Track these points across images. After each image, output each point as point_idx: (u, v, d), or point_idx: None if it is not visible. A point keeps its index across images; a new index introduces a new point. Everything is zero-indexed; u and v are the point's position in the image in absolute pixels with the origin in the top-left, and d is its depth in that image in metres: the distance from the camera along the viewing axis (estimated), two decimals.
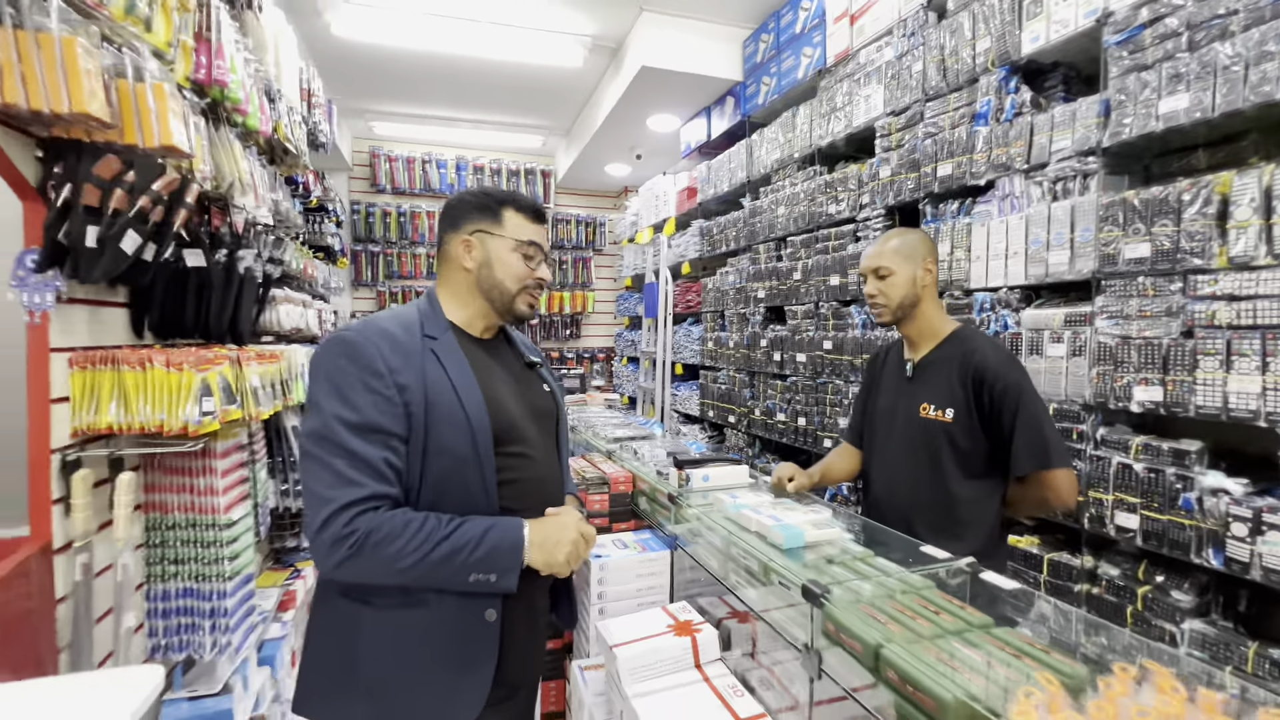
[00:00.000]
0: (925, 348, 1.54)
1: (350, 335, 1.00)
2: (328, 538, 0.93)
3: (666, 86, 3.73)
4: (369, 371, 0.97)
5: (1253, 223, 1.41)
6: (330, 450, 0.94)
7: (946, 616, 1.00)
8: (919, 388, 1.52)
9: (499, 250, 1.12)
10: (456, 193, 1.21)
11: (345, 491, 0.93)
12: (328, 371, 0.98)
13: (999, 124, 2.03)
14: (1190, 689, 0.76)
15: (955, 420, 1.43)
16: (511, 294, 1.13)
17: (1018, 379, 1.41)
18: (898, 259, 1.51)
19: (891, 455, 1.56)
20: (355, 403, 0.96)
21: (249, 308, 2.09)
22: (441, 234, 1.16)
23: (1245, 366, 1.42)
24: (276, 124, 2.34)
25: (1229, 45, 1.46)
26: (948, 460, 1.44)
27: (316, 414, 0.97)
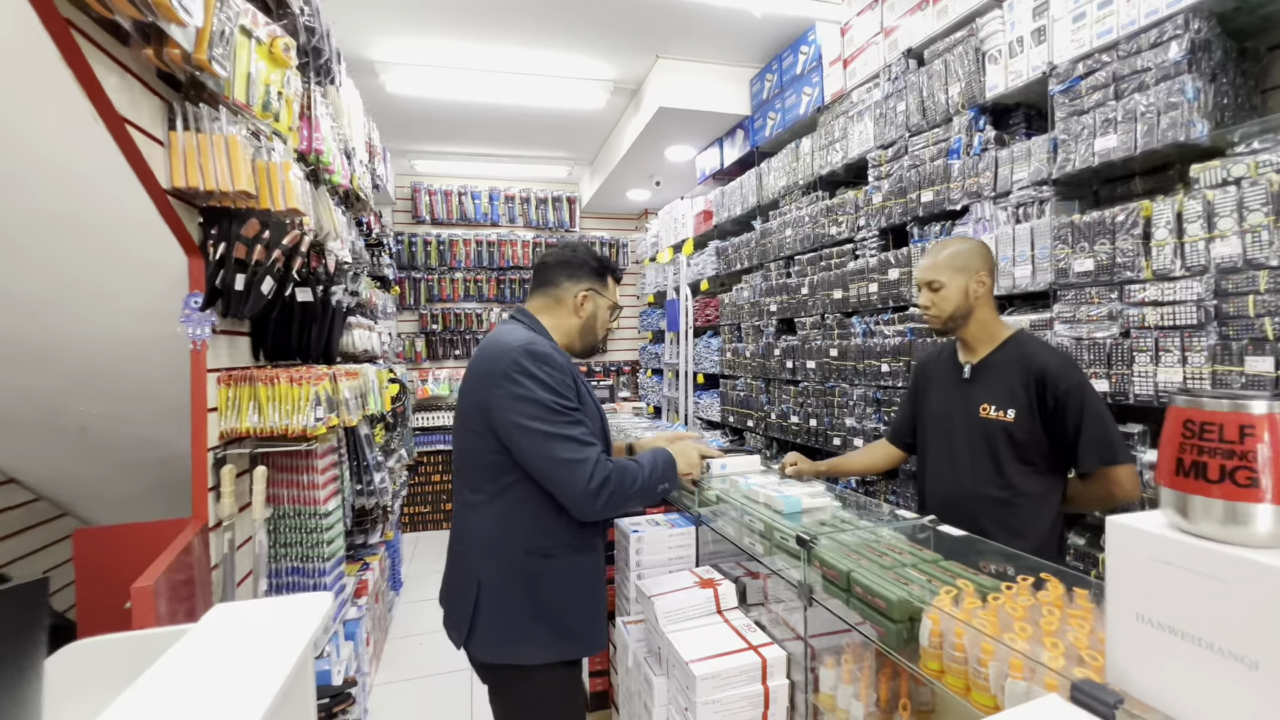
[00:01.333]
0: (982, 351, 1.65)
1: (543, 349, 1.35)
2: (594, 484, 1.28)
3: (682, 122, 4.11)
4: (565, 373, 1.36)
5: (1169, 242, 1.71)
6: (566, 425, 1.30)
7: (905, 555, 1.32)
8: (977, 389, 1.63)
9: (601, 308, 1.55)
10: (574, 245, 1.56)
11: (590, 450, 1.31)
12: (537, 374, 1.31)
13: (969, 157, 2.35)
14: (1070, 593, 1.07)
15: (1016, 420, 1.54)
16: (598, 341, 1.58)
17: (1079, 380, 1.53)
18: (949, 272, 1.61)
19: (952, 455, 1.67)
20: (565, 394, 1.32)
21: (339, 333, 2.50)
22: (556, 277, 1.51)
23: (1169, 360, 1.71)
24: (352, 177, 2.78)
25: (1145, 96, 1.77)
26: (1009, 458, 1.56)
27: (533, 405, 1.29)
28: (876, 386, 2.89)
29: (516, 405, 1.29)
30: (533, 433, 1.28)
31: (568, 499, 1.31)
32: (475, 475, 1.40)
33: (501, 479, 1.37)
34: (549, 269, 1.52)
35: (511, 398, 1.29)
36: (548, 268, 1.52)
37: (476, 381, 1.38)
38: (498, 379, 1.32)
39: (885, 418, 2.84)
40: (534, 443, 1.29)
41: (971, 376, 1.68)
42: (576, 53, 3.76)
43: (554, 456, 1.28)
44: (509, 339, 1.36)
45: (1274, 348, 1.50)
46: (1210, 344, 1.62)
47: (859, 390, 2.99)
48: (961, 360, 1.73)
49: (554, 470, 1.29)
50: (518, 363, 1.31)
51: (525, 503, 1.37)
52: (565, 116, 4.65)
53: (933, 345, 2.51)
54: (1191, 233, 1.66)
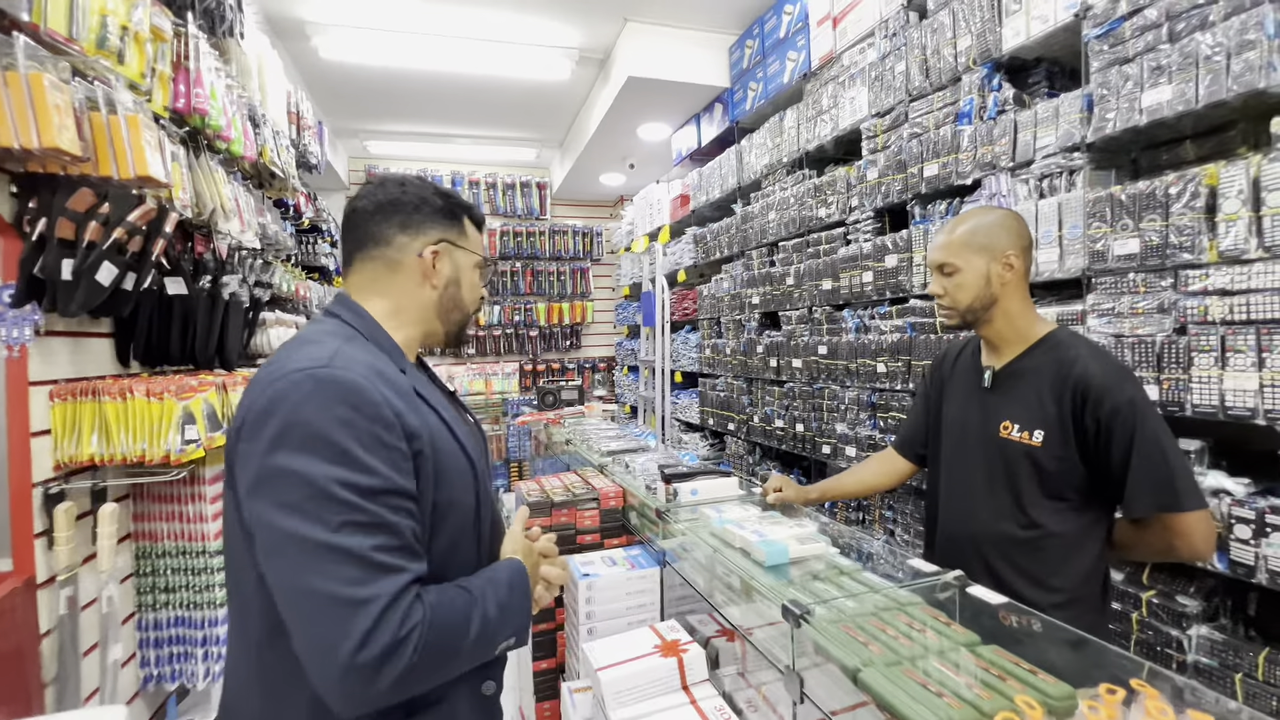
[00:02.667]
0: (1009, 353, 1.31)
1: (344, 375, 0.75)
2: (376, 652, 0.66)
3: (655, 95, 3.73)
4: (380, 422, 0.74)
5: (1242, 215, 1.37)
6: (349, 530, 0.69)
7: (931, 634, 0.97)
8: (1000, 401, 1.30)
9: (465, 268, 0.98)
10: (394, 180, 0.96)
11: (385, 582, 0.69)
12: (322, 424, 0.71)
13: (983, 122, 2.00)
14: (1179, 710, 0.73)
15: (1045, 444, 1.21)
16: (470, 317, 1.02)
17: (1131, 395, 1.16)
18: (967, 252, 1.27)
19: (964, 479, 1.35)
20: (368, 463, 0.72)
21: (237, 332, 2.09)
22: (384, 231, 0.92)
23: (1241, 363, 1.38)
24: (262, 149, 2.36)
25: (1210, 35, 1.43)
26: (1033, 490, 1.24)
27: (301, 484, 0.69)
28: (871, 389, 2.55)
29: (269, 483, 0.71)
30: (284, 538, 0.69)
31: (315, 672, 0.68)
32: (240, 598, 0.81)
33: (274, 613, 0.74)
34: (368, 220, 0.92)
35: (264, 468, 0.71)
36: (365, 219, 0.93)
37: (231, 436, 0.79)
38: (248, 433, 0.74)
39: (881, 424, 2.50)
40: (281, 555, 0.70)
41: (993, 385, 1.33)
42: (536, 14, 3.35)
43: (307, 588, 0.68)
44: (292, 357, 0.77)
45: None
46: None
47: (851, 393, 2.65)
48: (984, 364, 1.37)
49: (301, 613, 0.69)
50: (285, 401, 0.72)
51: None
52: (529, 90, 4.24)
53: (937, 343, 2.17)
54: (1273, 203, 1.32)
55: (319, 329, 0.87)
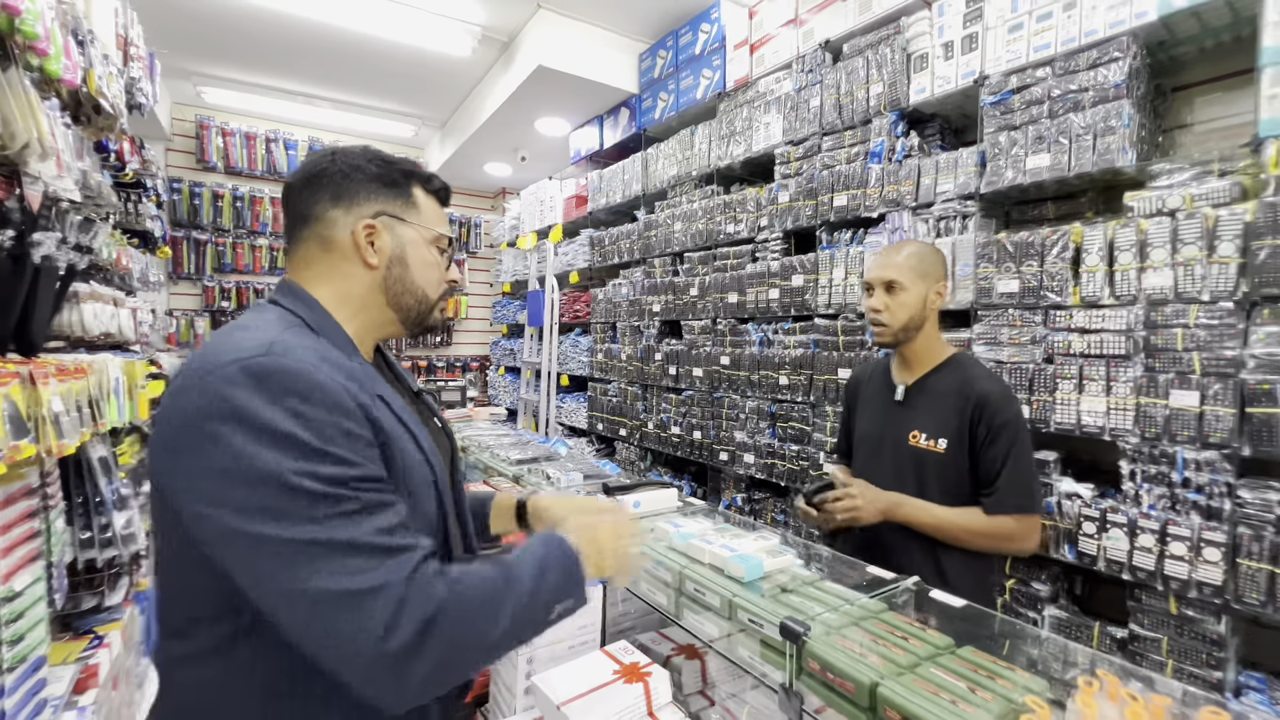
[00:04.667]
0: (920, 371, 1.47)
1: (285, 362, 0.66)
2: (405, 640, 0.60)
3: (560, 90, 3.61)
4: (339, 410, 0.66)
5: (1100, 268, 1.67)
6: (337, 519, 0.62)
7: (915, 641, 1.03)
8: (910, 414, 1.45)
9: (414, 243, 0.86)
10: (327, 150, 0.85)
11: (395, 564, 0.63)
12: (272, 419, 0.62)
13: (891, 163, 2.22)
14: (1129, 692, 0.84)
15: (947, 451, 1.37)
16: (431, 302, 0.89)
17: (1016, 412, 1.37)
18: (913, 275, 1.39)
19: (877, 482, 1.46)
20: (335, 454, 0.64)
21: (45, 307, 1.60)
22: (314, 207, 0.82)
23: (1094, 389, 1.68)
24: (87, 73, 1.84)
25: (1081, 117, 1.73)
26: (936, 493, 1.39)
27: (257, 488, 0.61)
28: (772, 400, 2.70)
29: (223, 489, 0.62)
30: (260, 543, 0.61)
31: (346, 671, 0.62)
32: (175, 610, 0.72)
33: (220, 624, 0.68)
34: (298, 195, 0.83)
35: (212, 476, 0.62)
36: (296, 194, 0.83)
37: (157, 444, 0.68)
38: (186, 437, 0.64)
39: (780, 433, 2.66)
40: (263, 564, 0.62)
41: (905, 399, 1.49)
42: None
43: (306, 590, 0.60)
44: (218, 349, 0.67)
45: (1200, 383, 1.49)
46: (1136, 375, 1.60)
47: (752, 403, 2.78)
48: (896, 380, 1.53)
49: (308, 618, 0.61)
50: (224, 396, 0.63)
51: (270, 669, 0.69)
52: (419, 60, 3.86)
53: (840, 359, 2.36)
54: (1123, 261, 1.63)
55: (254, 317, 0.77)
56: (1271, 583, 1.38)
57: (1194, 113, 1.89)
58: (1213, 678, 1.49)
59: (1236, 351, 1.44)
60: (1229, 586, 1.44)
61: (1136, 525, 1.57)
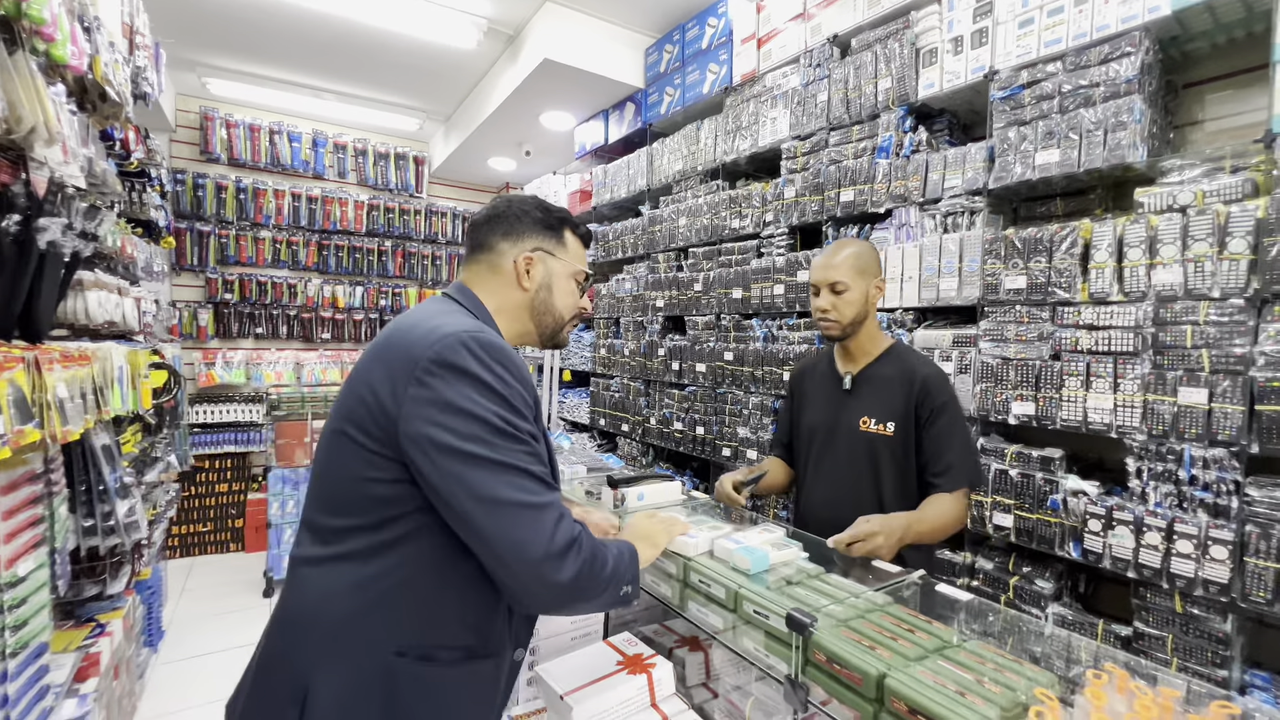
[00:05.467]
0: (863, 362, 1.57)
1: (500, 343, 0.92)
2: (562, 544, 0.85)
3: (566, 83, 3.60)
4: (525, 383, 0.92)
5: (1108, 265, 1.66)
6: (523, 455, 0.86)
7: (922, 635, 1.02)
8: (858, 401, 1.55)
9: (558, 276, 1.11)
10: (505, 198, 1.13)
11: (554, 495, 0.89)
12: (483, 376, 0.87)
13: (898, 159, 2.21)
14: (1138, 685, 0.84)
15: (895, 434, 1.48)
16: (563, 323, 1.13)
17: (953, 395, 1.49)
18: (853, 274, 1.49)
19: (832, 468, 1.56)
20: (522, 410, 0.90)
21: (51, 293, 1.60)
22: (490, 239, 1.08)
23: (1101, 386, 1.67)
24: (94, 59, 1.83)
25: (1092, 112, 1.72)
26: (887, 473, 1.48)
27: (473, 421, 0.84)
28: (775, 395, 2.69)
29: (446, 418, 0.84)
30: (470, 460, 0.83)
31: (517, 568, 0.83)
32: (342, 513, 0.90)
33: (387, 528, 0.88)
34: (479, 230, 1.11)
35: (439, 406, 0.84)
36: (478, 228, 1.11)
37: (382, 373, 0.90)
38: (420, 375, 0.86)
39: None
40: (470, 475, 0.83)
41: (852, 388, 1.58)
42: None
43: (500, 498, 0.83)
44: (440, 321, 0.92)
45: (1209, 380, 1.48)
46: (1144, 372, 1.59)
47: (756, 398, 2.77)
48: (841, 370, 1.62)
49: (497, 520, 0.83)
50: (456, 353, 0.87)
51: (419, 569, 0.88)
52: (424, 53, 3.85)
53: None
54: (1133, 257, 1.62)
55: (444, 307, 1.01)
56: (1279, 581, 1.37)
57: (1205, 109, 1.87)
58: (1217, 676, 1.48)
59: (1246, 349, 1.43)
60: (1235, 585, 1.43)
61: (1143, 523, 1.56)
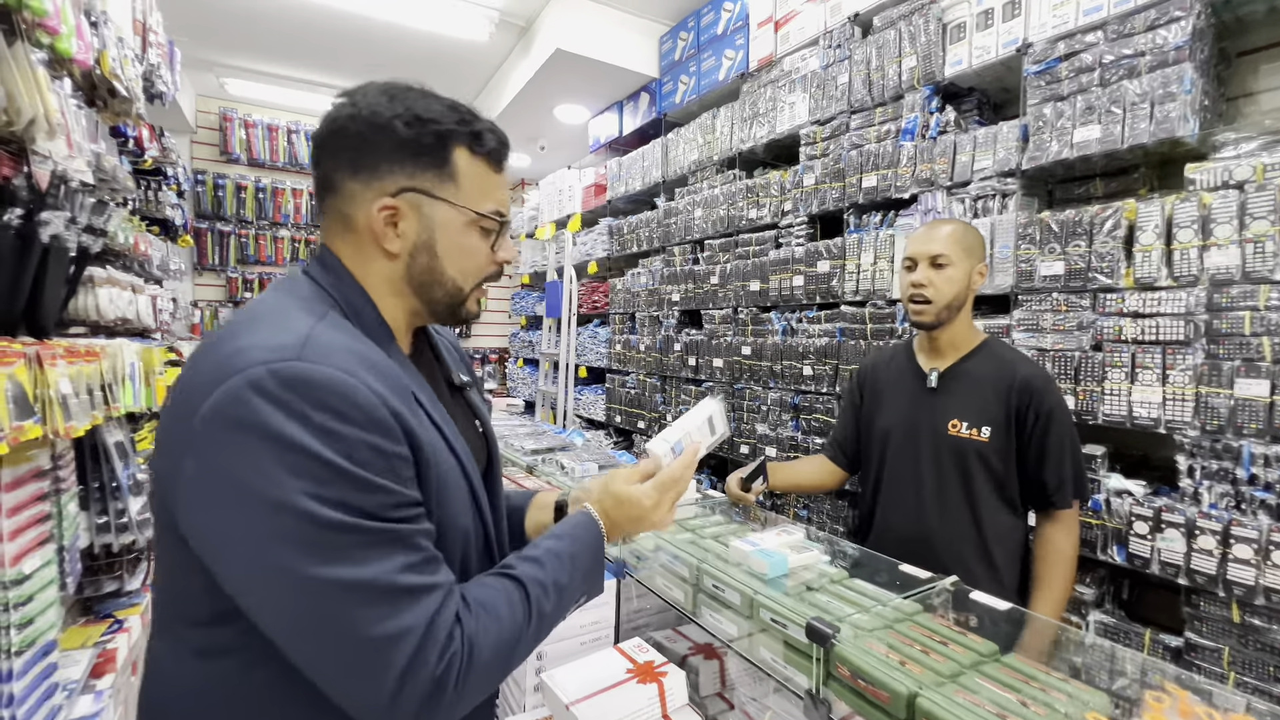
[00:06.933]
0: (952, 357, 1.41)
1: (319, 372, 0.56)
2: (422, 686, 0.55)
3: (579, 74, 3.54)
4: (375, 428, 0.58)
5: (1156, 247, 1.54)
6: (359, 558, 0.55)
7: (955, 647, 0.94)
8: (946, 401, 1.39)
9: (448, 225, 0.70)
10: (353, 96, 0.69)
11: (418, 608, 0.56)
12: (299, 438, 0.54)
13: (924, 141, 2.10)
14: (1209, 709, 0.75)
15: (991, 440, 1.32)
16: (463, 294, 0.74)
17: (1061, 399, 1.34)
18: (959, 250, 1.33)
19: (915, 480, 1.41)
20: (367, 480, 0.56)
21: (56, 288, 1.58)
22: (333, 175, 0.68)
23: (1148, 378, 1.55)
24: (101, 54, 1.82)
25: (1137, 83, 1.59)
26: (982, 484, 1.33)
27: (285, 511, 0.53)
28: (796, 391, 2.60)
29: (233, 512, 0.55)
30: (274, 576, 0.54)
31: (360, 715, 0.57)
32: (171, 605, 0.65)
33: (217, 628, 0.61)
34: (318, 154, 0.70)
35: (222, 492, 0.55)
36: (316, 151, 0.71)
37: (161, 433, 0.62)
38: (195, 441, 0.55)
39: (804, 425, 2.56)
40: (278, 597, 0.55)
41: (939, 386, 1.42)
42: None
43: (326, 631, 0.55)
44: (245, 339, 0.59)
45: (1270, 370, 1.36)
46: (1196, 363, 1.47)
47: (775, 394, 2.68)
48: (925, 366, 1.46)
49: (324, 660, 0.56)
50: (242, 403, 0.54)
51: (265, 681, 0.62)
52: (437, 47, 3.82)
53: (866, 348, 2.25)
54: (1183, 239, 1.50)
55: (286, 297, 0.67)
56: None
57: (1259, 80, 1.73)
58: (1278, 692, 1.36)
59: None
60: None
61: (1195, 525, 1.44)
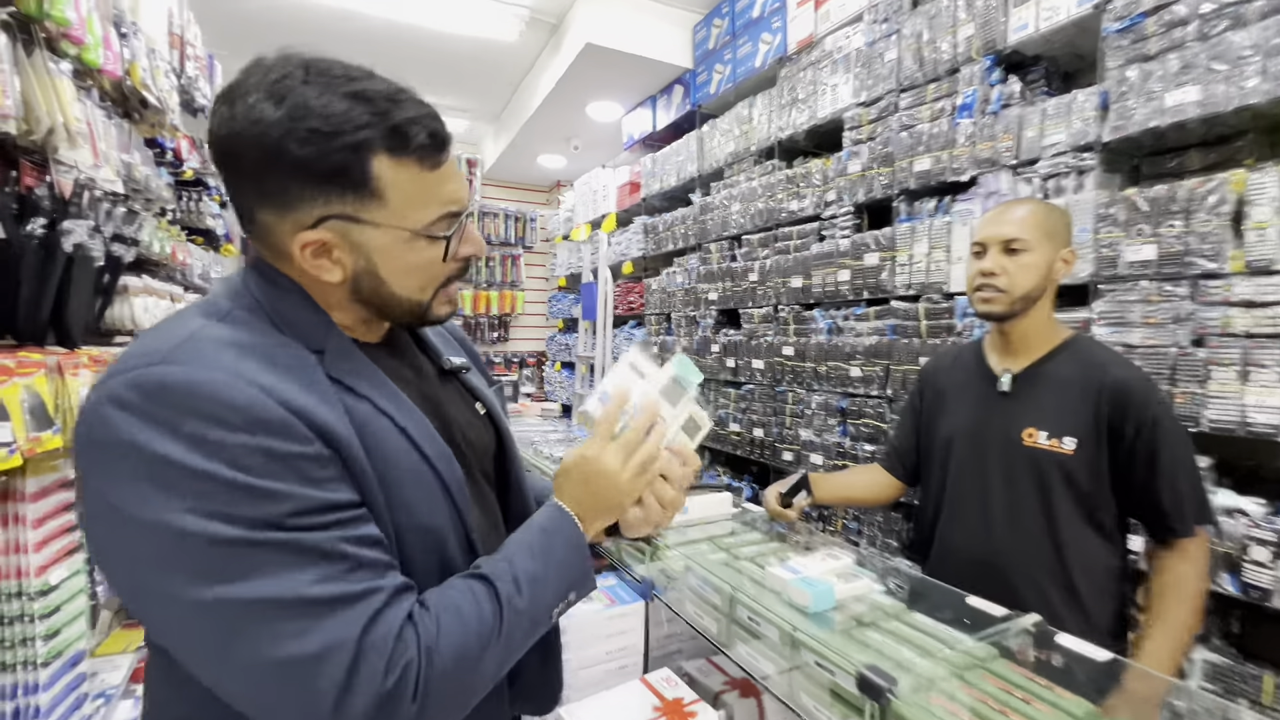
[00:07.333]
0: (1029, 356, 1.22)
1: (177, 375, 0.49)
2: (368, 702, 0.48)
3: (610, 69, 3.44)
4: (260, 426, 0.50)
5: (1271, 225, 1.32)
6: (264, 574, 0.48)
7: (1041, 705, 0.77)
8: (1022, 407, 1.20)
9: (387, 251, 0.59)
10: (232, 104, 0.54)
11: (347, 617, 0.49)
12: (167, 450, 0.47)
13: (984, 116, 1.90)
14: None
15: (1078, 453, 1.13)
16: (423, 304, 0.64)
17: (1164, 403, 1.14)
18: (1038, 234, 1.15)
19: (978, 490, 1.24)
20: (265, 487, 0.49)
21: (83, 298, 1.58)
22: (242, 203, 0.59)
23: (1266, 378, 1.32)
24: (131, 65, 1.83)
25: (1245, 34, 1.37)
26: (1063, 503, 1.15)
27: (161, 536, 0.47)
28: (842, 393, 2.42)
29: (120, 542, 0.50)
30: (170, 604, 0.49)
31: None
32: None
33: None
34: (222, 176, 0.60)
35: (101, 520, 0.50)
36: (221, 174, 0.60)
37: None
38: (79, 467, 0.50)
39: (852, 431, 2.37)
40: (180, 629, 0.50)
41: (1013, 389, 1.23)
42: None
43: (239, 660, 0.48)
44: (129, 350, 0.53)
45: None
46: None
47: (819, 397, 2.51)
48: (997, 368, 1.27)
49: (247, 691, 0.50)
50: (102, 424, 0.49)
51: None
52: (468, 49, 3.80)
53: (921, 347, 2.06)
54: None
55: (200, 301, 0.60)
56: None
57: None
58: None
59: None
60: None
61: None
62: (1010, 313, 1.19)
